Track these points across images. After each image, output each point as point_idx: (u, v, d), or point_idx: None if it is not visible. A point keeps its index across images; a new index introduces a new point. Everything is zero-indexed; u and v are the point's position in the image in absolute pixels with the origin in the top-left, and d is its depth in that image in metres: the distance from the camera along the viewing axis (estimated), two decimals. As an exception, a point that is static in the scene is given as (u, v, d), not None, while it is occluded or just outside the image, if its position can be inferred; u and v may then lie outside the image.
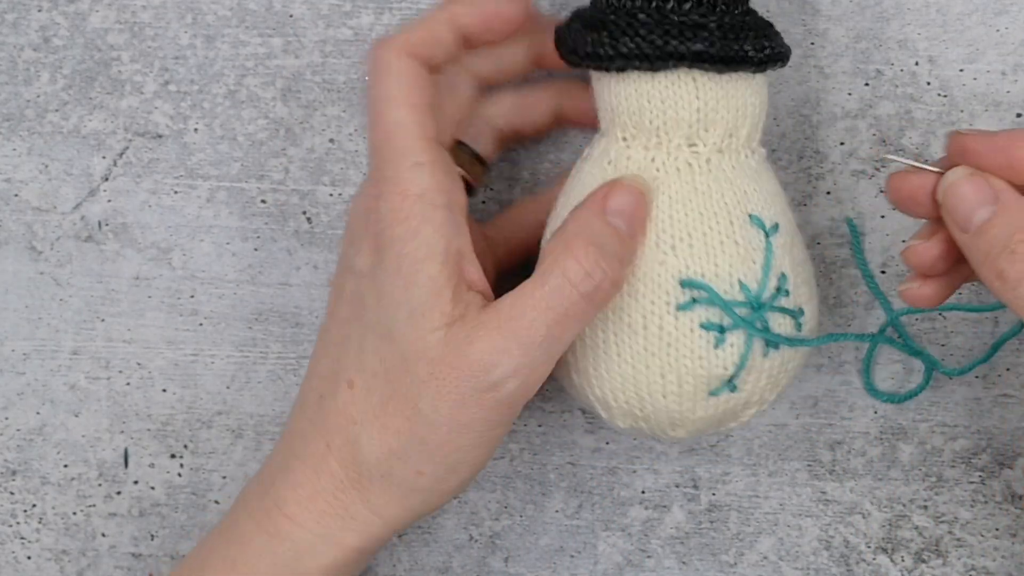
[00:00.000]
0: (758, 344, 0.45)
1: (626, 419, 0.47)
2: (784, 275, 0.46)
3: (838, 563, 0.54)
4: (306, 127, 0.54)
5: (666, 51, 0.44)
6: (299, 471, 0.46)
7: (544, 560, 0.55)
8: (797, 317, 0.46)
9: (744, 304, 0.45)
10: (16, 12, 0.55)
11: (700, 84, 0.45)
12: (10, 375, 0.56)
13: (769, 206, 0.46)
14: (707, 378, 0.45)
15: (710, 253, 0.45)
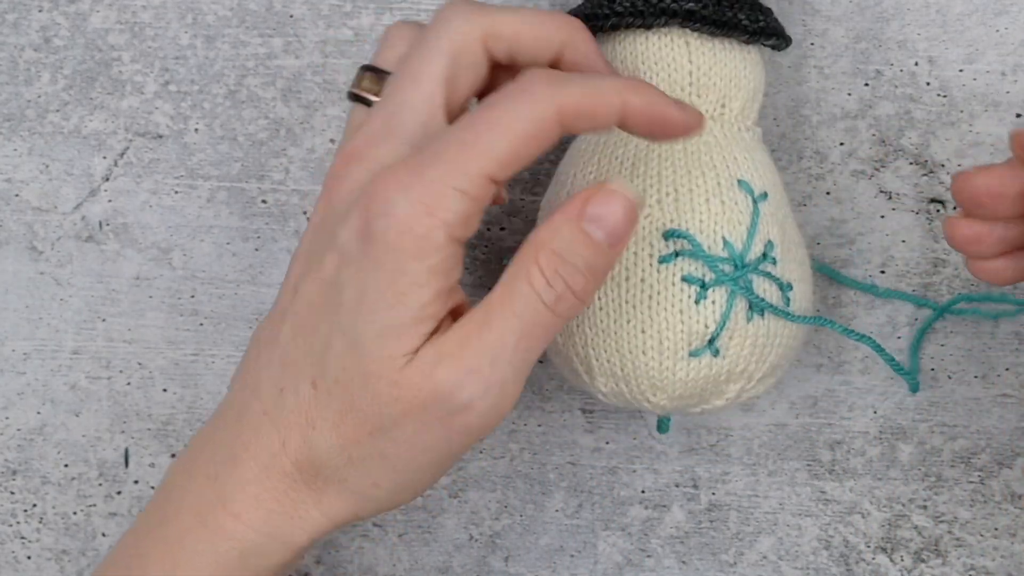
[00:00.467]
0: (741, 306, 0.45)
1: (608, 380, 0.46)
2: (771, 243, 0.46)
3: (838, 563, 0.54)
4: (306, 127, 0.54)
5: (659, 7, 0.45)
6: (248, 467, 0.43)
7: (544, 560, 0.55)
8: (784, 289, 0.46)
9: (727, 261, 0.45)
10: (17, 12, 0.55)
11: (693, 48, 0.46)
12: (11, 375, 0.56)
13: (760, 176, 0.46)
14: (687, 334, 0.45)
15: (696, 208, 0.45)
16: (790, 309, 0.46)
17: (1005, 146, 0.52)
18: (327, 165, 0.54)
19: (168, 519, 0.44)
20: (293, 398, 0.43)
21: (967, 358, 0.53)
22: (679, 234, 0.44)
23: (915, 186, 0.53)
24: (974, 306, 0.52)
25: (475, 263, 0.54)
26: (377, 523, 0.56)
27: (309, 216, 0.55)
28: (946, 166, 0.53)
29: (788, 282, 0.46)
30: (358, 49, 0.54)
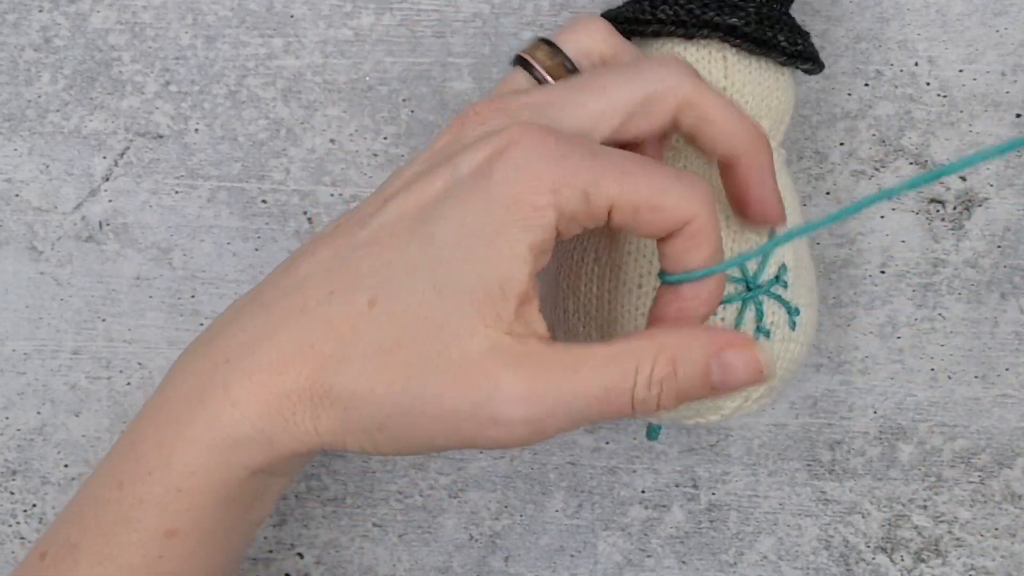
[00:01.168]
0: (749, 326, 0.45)
1: None
2: (785, 267, 0.46)
3: (838, 563, 0.54)
4: (307, 127, 0.54)
5: (701, 19, 0.45)
6: (264, 358, 0.41)
7: (544, 560, 0.55)
8: (792, 314, 0.46)
9: (740, 280, 0.45)
10: (17, 12, 0.55)
11: (730, 63, 0.46)
12: (11, 375, 0.56)
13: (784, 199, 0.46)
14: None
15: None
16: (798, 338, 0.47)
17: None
18: (327, 165, 0.54)
19: (169, 398, 0.42)
20: (342, 305, 0.40)
21: (967, 358, 0.53)
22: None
23: (915, 186, 0.53)
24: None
25: (475, 263, 0.54)
26: (377, 523, 0.56)
27: (309, 216, 0.55)
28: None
29: (797, 306, 0.46)
30: (358, 49, 0.54)
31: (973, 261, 0.53)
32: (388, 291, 0.39)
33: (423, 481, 0.55)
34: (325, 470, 0.56)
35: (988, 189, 0.53)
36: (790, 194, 0.48)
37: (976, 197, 0.53)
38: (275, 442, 0.41)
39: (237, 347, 0.41)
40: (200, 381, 0.41)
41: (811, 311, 0.48)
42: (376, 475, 0.56)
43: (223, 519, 0.43)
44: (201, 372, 0.42)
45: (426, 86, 0.54)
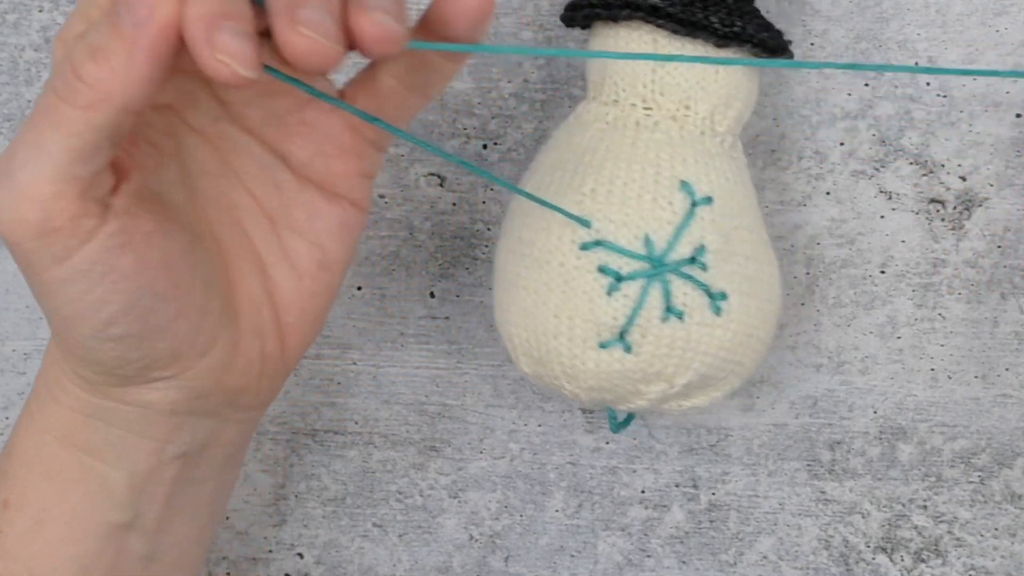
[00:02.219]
0: (655, 304, 0.44)
1: (528, 362, 0.47)
2: (703, 248, 0.45)
3: (838, 563, 0.54)
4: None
5: (624, 1, 0.45)
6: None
7: (544, 560, 0.55)
8: (715, 298, 0.45)
9: (644, 258, 0.45)
10: (17, 12, 0.55)
11: (660, 46, 0.46)
12: (11, 375, 0.56)
13: (710, 182, 0.46)
14: (596, 325, 0.44)
15: (625, 201, 0.45)
16: (729, 323, 0.45)
17: (1005, 146, 0.53)
18: (327, 165, 0.54)
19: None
20: None
21: (967, 358, 0.53)
22: (584, 221, 0.45)
23: (915, 186, 0.53)
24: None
25: (475, 263, 0.54)
26: (377, 523, 0.56)
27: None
28: (946, 166, 0.53)
29: (722, 291, 0.45)
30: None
31: (973, 261, 0.53)
32: None
33: (423, 481, 0.56)
34: (325, 470, 0.56)
35: (988, 189, 0.53)
36: (728, 179, 0.46)
37: (976, 197, 0.53)
38: (49, 397, 0.41)
39: None
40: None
41: (751, 301, 0.46)
42: (376, 475, 0.56)
43: (50, 496, 0.42)
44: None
45: (426, 86, 0.54)
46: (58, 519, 0.42)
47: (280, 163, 0.42)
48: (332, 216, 0.43)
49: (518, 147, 0.54)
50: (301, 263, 0.43)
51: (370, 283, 0.55)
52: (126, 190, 0.38)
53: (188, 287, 0.40)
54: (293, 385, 0.55)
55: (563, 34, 0.53)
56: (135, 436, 0.42)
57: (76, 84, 0.35)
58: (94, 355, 0.39)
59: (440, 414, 0.55)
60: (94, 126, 0.35)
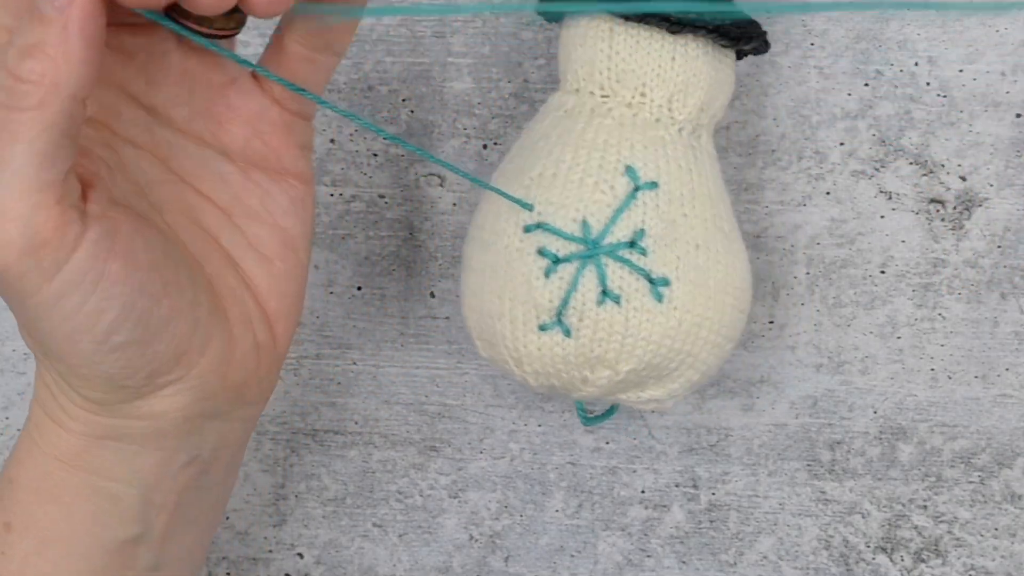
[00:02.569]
0: (590, 287, 0.44)
1: (483, 346, 0.47)
2: (643, 232, 0.45)
3: (838, 563, 0.54)
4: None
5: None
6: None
7: (544, 560, 0.55)
8: (654, 283, 0.45)
9: (579, 240, 0.45)
10: (17, 12, 0.55)
11: (616, 33, 0.46)
12: (11, 375, 0.56)
13: (656, 168, 0.46)
14: (535, 306, 0.45)
15: (567, 186, 0.45)
16: (669, 309, 0.45)
17: (1005, 146, 0.53)
18: (327, 165, 0.54)
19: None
20: None
21: (967, 358, 0.53)
22: (527, 205, 0.45)
23: (915, 186, 0.53)
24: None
25: (475, 263, 0.54)
26: (377, 523, 0.56)
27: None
28: (946, 166, 0.53)
29: (663, 277, 0.45)
30: (358, 49, 0.54)
31: (973, 261, 0.53)
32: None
33: (423, 481, 0.56)
34: (325, 470, 0.56)
35: (988, 189, 0.53)
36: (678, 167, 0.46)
37: (976, 197, 0.53)
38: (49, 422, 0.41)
39: None
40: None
41: (699, 289, 0.45)
42: (376, 475, 0.56)
43: (57, 518, 0.42)
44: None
45: (426, 86, 0.54)
46: (64, 540, 0.42)
47: (220, 156, 0.43)
48: (282, 194, 0.44)
49: (518, 147, 0.54)
50: (266, 248, 0.43)
51: (370, 283, 0.55)
52: (96, 196, 0.38)
53: (176, 285, 0.40)
54: (293, 385, 0.55)
55: (563, 34, 0.53)
56: (148, 450, 0.42)
57: (20, 87, 0.35)
58: (100, 370, 0.39)
59: (440, 414, 0.55)
60: (50, 124, 0.35)
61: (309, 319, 0.55)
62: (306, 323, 0.55)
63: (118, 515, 0.42)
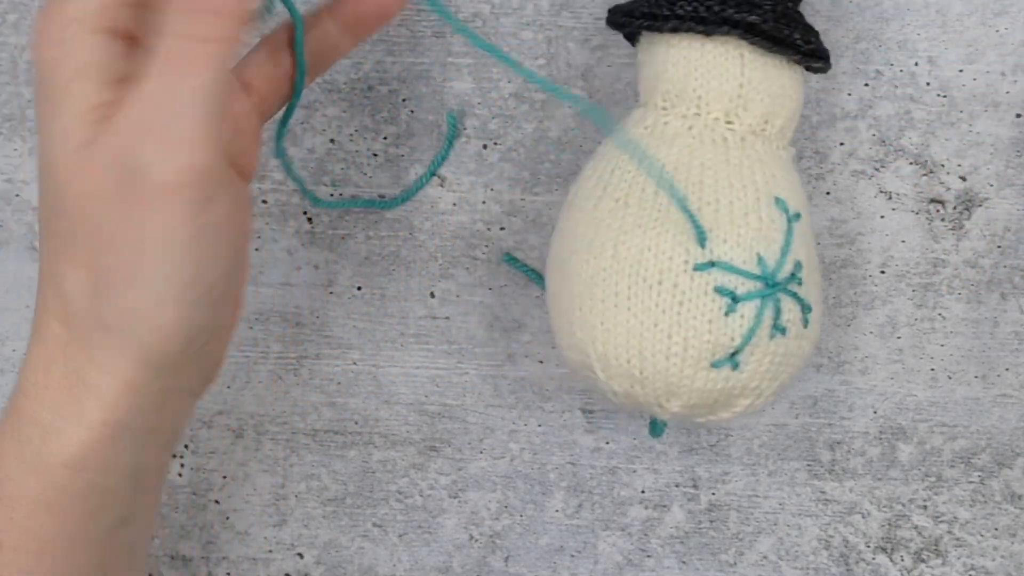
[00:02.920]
0: (767, 323, 0.45)
1: (623, 381, 0.46)
2: (800, 263, 0.46)
3: (838, 563, 0.54)
4: (306, 127, 0.54)
5: (721, 16, 0.45)
6: (31, 344, 0.41)
7: (544, 560, 0.55)
8: (806, 311, 0.46)
9: (759, 278, 0.45)
10: (17, 13, 0.55)
11: (747, 60, 0.46)
12: (11, 375, 0.56)
13: (794, 196, 0.47)
14: (713, 345, 0.45)
15: (735, 221, 0.45)
16: (810, 333, 0.47)
17: (1005, 146, 0.53)
18: (327, 165, 0.54)
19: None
20: (44, 260, 0.41)
21: (967, 358, 0.53)
22: (702, 235, 0.45)
23: (915, 186, 0.53)
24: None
25: (475, 263, 0.54)
26: (377, 523, 0.56)
27: (309, 216, 0.55)
28: (946, 166, 0.53)
29: (809, 304, 0.46)
30: (358, 49, 0.54)
31: (973, 261, 0.53)
32: (43, 215, 0.40)
33: (423, 481, 0.56)
34: (325, 470, 0.56)
35: (988, 189, 0.53)
36: (801, 191, 0.48)
37: (976, 197, 0.53)
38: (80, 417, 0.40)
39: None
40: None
41: (819, 308, 0.48)
42: (376, 475, 0.56)
43: (54, 527, 0.41)
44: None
45: (426, 86, 0.54)
46: (60, 547, 0.42)
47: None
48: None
49: (518, 147, 0.54)
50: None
51: (370, 283, 0.55)
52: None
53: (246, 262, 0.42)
54: (293, 385, 0.55)
55: (563, 34, 0.53)
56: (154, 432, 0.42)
57: (204, 17, 0.37)
58: (192, 322, 0.39)
59: (440, 414, 0.55)
60: (223, 64, 0.37)
61: (309, 319, 0.55)
62: (306, 323, 0.55)
63: (110, 505, 0.42)
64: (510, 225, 0.54)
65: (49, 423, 0.40)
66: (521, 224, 0.54)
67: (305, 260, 0.55)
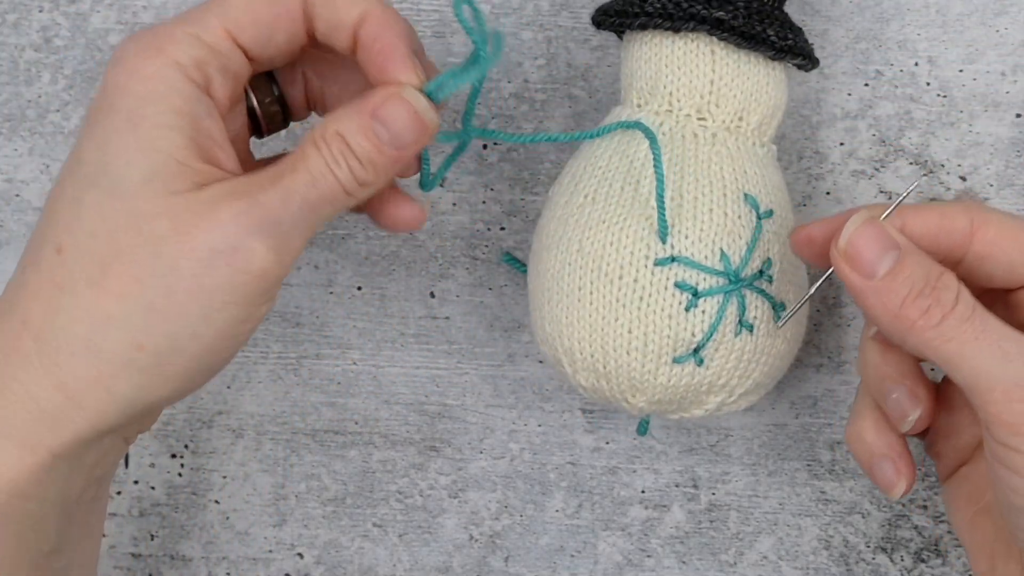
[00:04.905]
0: (730, 319, 0.45)
1: (589, 376, 0.47)
2: (770, 260, 0.46)
3: (838, 563, 0.54)
4: (307, 127, 0.54)
5: (688, 12, 0.45)
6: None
7: (544, 560, 0.55)
8: (777, 308, 0.46)
9: (721, 274, 0.45)
10: (17, 13, 0.55)
11: (717, 56, 0.46)
12: (11, 375, 0.56)
13: (768, 194, 0.46)
14: (673, 340, 0.45)
15: (698, 217, 0.45)
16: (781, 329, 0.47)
17: (1005, 146, 0.53)
18: (327, 165, 0.54)
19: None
20: (34, 272, 0.40)
21: (967, 358, 0.53)
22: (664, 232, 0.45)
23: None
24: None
25: (475, 263, 0.54)
26: (377, 523, 0.56)
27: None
28: (946, 166, 0.53)
29: (782, 301, 0.46)
30: (358, 49, 0.54)
31: (973, 261, 0.53)
32: (68, 230, 0.39)
33: (423, 481, 0.56)
34: (325, 470, 0.56)
35: (988, 189, 0.53)
36: (778, 188, 0.47)
37: (976, 197, 0.53)
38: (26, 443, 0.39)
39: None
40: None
41: (804, 308, 0.48)
42: (376, 475, 0.56)
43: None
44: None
45: (426, 86, 0.54)
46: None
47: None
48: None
49: (518, 147, 0.54)
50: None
51: (370, 283, 0.55)
52: None
53: None
54: (293, 385, 0.55)
55: (563, 34, 0.53)
56: (86, 469, 0.42)
57: (365, 162, 0.41)
58: (170, 398, 0.41)
59: (440, 414, 0.55)
60: (352, 203, 0.42)
61: (309, 319, 0.55)
62: (306, 323, 0.55)
63: (39, 534, 0.41)
64: (510, 225, 0.54)
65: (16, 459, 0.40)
66: (521, 224, 0.54)
67: (305, 260, 0.55)
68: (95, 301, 0.39)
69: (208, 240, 0.39)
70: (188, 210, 0.39)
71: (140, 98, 0.39)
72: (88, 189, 0.39)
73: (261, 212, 0.39)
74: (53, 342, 0.39)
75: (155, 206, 0.39)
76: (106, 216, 0.39)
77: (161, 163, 0.39)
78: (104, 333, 0.39)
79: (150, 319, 0.39)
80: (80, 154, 0.40)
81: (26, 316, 0.39)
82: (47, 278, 0.39)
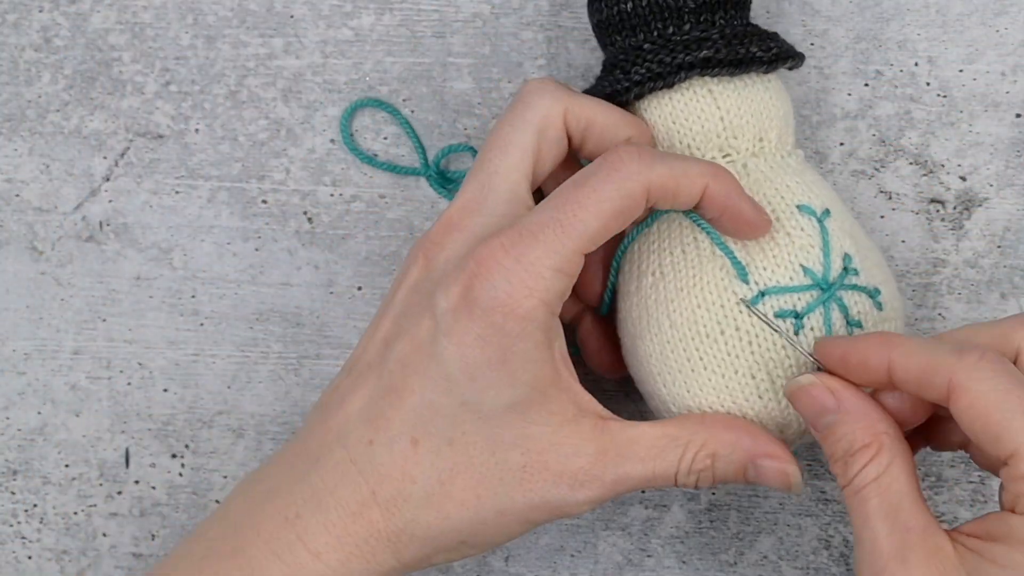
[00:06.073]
0: (839, 323, 0.45)
1: None
2: (848, 255, 0.46)
3: (838, 562, 0.54)
4: (307, 127, 0.54)
5: (674, 64, 0.46)
6: (335, 512, 0.44)
7: (544, 560, 0.55)
8: (874, 295, 0.46)
9: (812, 287, 0.45)
10: (17, 12, 0.55)
11: (717, 94, 0.46)
12: (11, 375, 0.56)
13: (816, 196, 0.47)
14: (796, 367, 0.45)
15: (765, 250, 0.45)
16: (887, 314, 0.47)
17: (1005, 146, 0.53)
18: (328, 165, 0.54)
19: (240, 550, 0.45)
20: (386, 453, 0.44)
21: (967, 358, 0.53)
22: (764, 294, 0.45)
23: (915, 186, 0.53)
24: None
25: (475, 263, 0.54)
26: (377, 523, 0.56)
27: (309, 216, 0.55)
28: (946, 166, 0.53)
29: (875, 287, 0.46)
30: (358, 49, 0.54)
31: (973, 261, 0.53)
32: (424, 429, 0.44)
33: (423, 481, 0.55)
34: (325, 470, 0.56)
35: (988, 189, 0.53)
36: (823, 186, 0.47)
37: (976, 197, 0.53)
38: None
39: (303, 502, 0.44)
40: (271, 537, 0.44)
41: (889, 286, 0.47)
42: (376, 475, 0.56)
43: None
44: (269, 528, 0.45)
45: (426, 86, 0.54)
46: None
47: None
48: None
49: (518, 147, 0.54)
50: None
51: (370, 283, 0.55)
52: None
53: None
54: (293, 385, 0.55)
55: (563, 34, 0.53)
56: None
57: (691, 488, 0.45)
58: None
59: (440, 414, 0.55)
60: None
61: (309, 319, 0.55)
62: (306, 323, 0.55)
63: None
64: (510, 225, 0.54)
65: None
66: (521, 224, 0.54)
67: (305, 260, 0.55)
68: (441, 503, 0.44)
69: (545, 494, 0.44)
70: (542, 451, 0.44)
71: (514, 336, 0.43)
72: (446, 398, 0.44)
73: (601, 490, 0.44)
74: (399, 524, 0.44)
75: (513, 435, 0.44)
76: (468, 432, 0.44)
77: (522, 396, 0.43)
78: (440, 530, 0.44)
79: (481, 530, 0.44)
80: (443, 363, 0.43)
81: (376, 490, 0.44)
82: (399, 464, 0.44)
